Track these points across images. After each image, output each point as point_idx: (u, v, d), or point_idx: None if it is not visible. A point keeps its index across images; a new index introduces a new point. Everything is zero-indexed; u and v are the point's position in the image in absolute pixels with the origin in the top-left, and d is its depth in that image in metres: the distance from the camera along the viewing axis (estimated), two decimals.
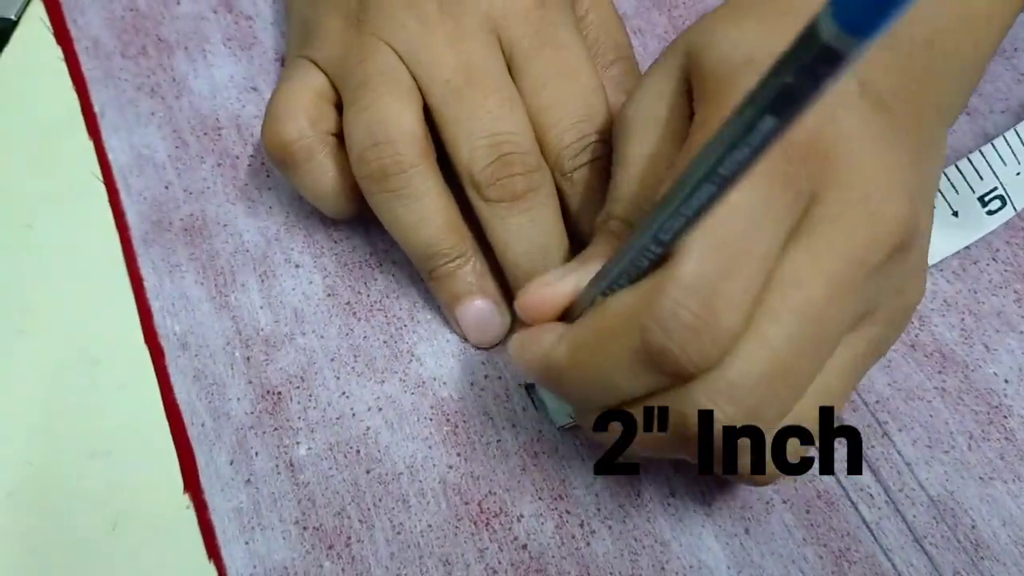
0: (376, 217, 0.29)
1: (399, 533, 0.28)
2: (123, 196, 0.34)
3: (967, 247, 0.32)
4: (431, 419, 0.30)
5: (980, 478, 0.29)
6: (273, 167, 0.33)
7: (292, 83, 0.30)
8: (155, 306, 0.32)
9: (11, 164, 0.34)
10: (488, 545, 0.28)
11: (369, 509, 0.29)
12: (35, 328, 0.31)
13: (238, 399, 0.30)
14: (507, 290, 0.30)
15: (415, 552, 0.28)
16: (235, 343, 0.31)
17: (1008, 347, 0.31)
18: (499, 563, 0.28)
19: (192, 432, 0.30)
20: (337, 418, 0.30)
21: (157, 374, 0.31)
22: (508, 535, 0.28)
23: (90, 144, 0.34)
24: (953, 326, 0.31)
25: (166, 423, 0.30)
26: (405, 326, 0.31)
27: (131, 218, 0.33)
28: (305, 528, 0.28)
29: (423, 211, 0.28)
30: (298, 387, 0.31)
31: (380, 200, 0.29)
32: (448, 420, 0.30)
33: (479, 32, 0.29)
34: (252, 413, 0.30)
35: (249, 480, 0.29)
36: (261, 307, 0.32)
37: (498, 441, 0.30)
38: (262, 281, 0.32)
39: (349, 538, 0.28)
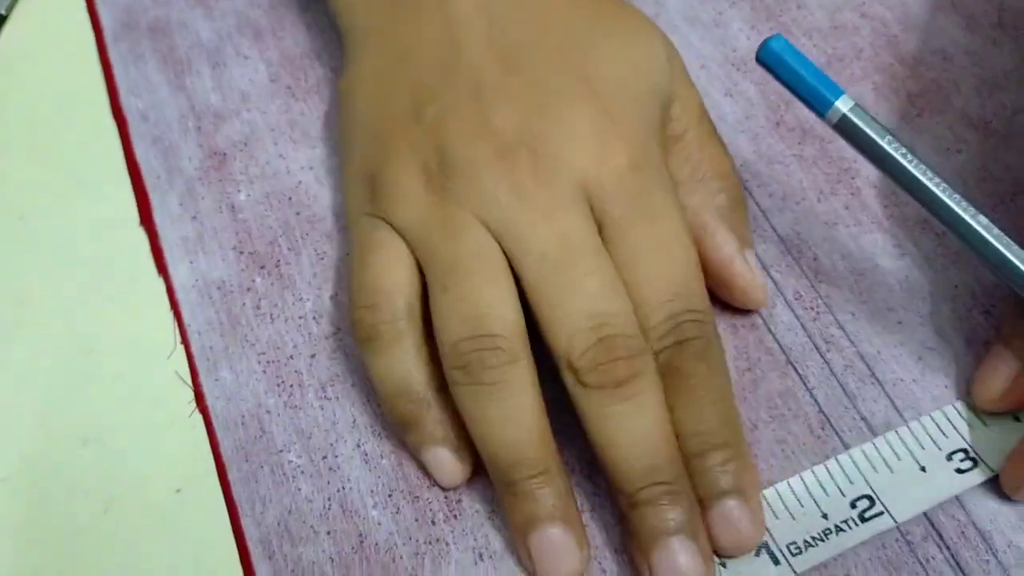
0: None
1: (322, 259, 0.33)
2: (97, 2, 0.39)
3: (834, 48, 0.37)
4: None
5: (825, 223, 0.33)
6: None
7: (384, 254, 0.28)
8: (121, 87, 0.37)
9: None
10: None
11: (297, 241, 0.34)
12: (30, 315, 0.33)
13: (189, 158, 0.35)
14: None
15: (335, 273, 0.33)
16: (188, 116, 0.36)
17: None
18: None
19: (148, 182, 0.35)
20: (273, 174, 0.35)
21: (124, 149, 0.35)
22: None
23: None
24: None
25: (156, 411, 0.31)
26: (336, 106, 0.36)
27: (104, 20, 0.38)
28: (241, 253, 0.33)
29: (516, 409, 0.26)
30: (241, 150, 0.36)
31: (468, 392, 0.26)
32: None
33: (574, 203, 0.27)
34: (200, 168, 0.35)
35: (195, 217, 0.34)
36: (212, 89, 0.37)
37: None
38: (214, 69, 0.37)
39: (279, 261, 0.33)
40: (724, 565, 0.27)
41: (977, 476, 0.28)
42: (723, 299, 0.31)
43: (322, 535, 0.28)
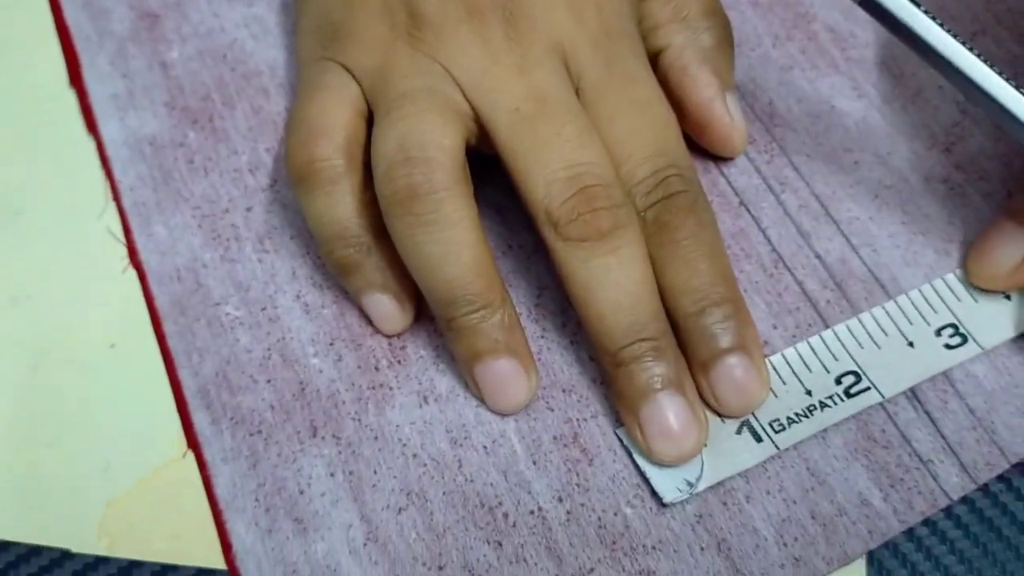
0: None
1: (258, 113, 0.32)
2: None
3: None
4: (293, 33, 0.33)
5: (781, 68, 0.32)
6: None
7: (329, 93, 0.27)
8: None
9: None
10: None
11: (232, 96, 0.32)
12: None
13: (120, 20, 0.34)
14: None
15: (272, 127, 0.32)
16: None
17: None
18: None
19: (78, 44, 0.33)
20: (207, 32, 0.34)
21: (53, 12, 0.34)
22: None
23: None
24: None
25: (89, 269, 0.29)
26: None
27: None
28: (173, 108, 0.32)
29: (450, 243, 0.25)
30: (174, 11, 0.34)
31: (402, 226, 0.25)
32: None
33: (548, 60, 0.26)
34: (132, 29, 0.34)
35: (125, 75, 0.33)
36: None
37: None
38: None
39: (212, 115, 0.32)
40: (705, 444, 0.26)
41: (966, 352, 0.27)
42: (699, 144, 0.30)
43: (262, 384, 0.27)
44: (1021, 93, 0.24)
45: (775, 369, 0.27)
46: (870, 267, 0.28)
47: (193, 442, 0.26)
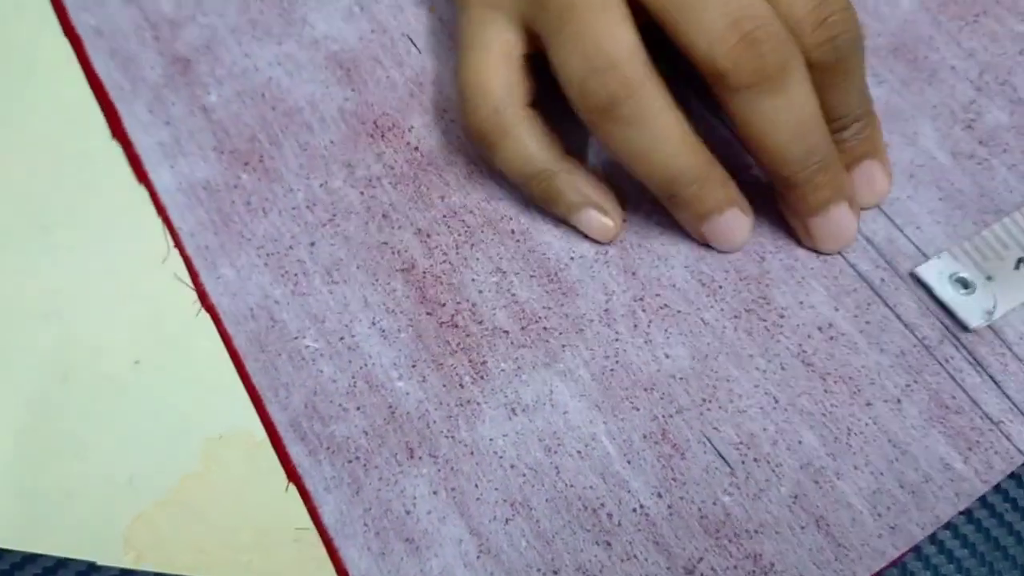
0: None
1: (305, 149, 0.32)
2: None
3: None
4: (326, 67, 0.34)
5: None
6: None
7: (486, 51, 0.29)
8: (69, 6, 0.35)
9: None
10: (384, 150, 0.32)
11: (277, 134, 0.33)
12: (22, 252, 0.31)
13: (151, 67, 0.34)
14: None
15: (321, 161, 0.32)
16: (143, 27, 0.35)
17: None
18: (395, 162, 0.32)
19: (113, 94, 0.34)
20: (242, 72, 0.34)
21: (82, 66, 0.34)
22: (401, 141, 0.32)
23: None
24: None
25: (162, 317, 0.30)
26: (295, 1, 0.35)
27: None
28: (222, 152, 0.32)
29: (658, 133, 0.26)
30: (204, 54, 0.34)
31: (609, 131, 0.26)
32: (341, 66, 0.34)
33: None
34: (164, 75, 0.34)
35: (168, 122, 0.33)
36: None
37: (387, 77, 0.34)
38: None
39: (262, 156, 0.32)
40: (991, 278, 0.29)
41: None
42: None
43: (352, 411, 0.28)
44: None
45: None
46: (916, 244, 0.30)
47: (293, 475, 0.27)
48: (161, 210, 0.31)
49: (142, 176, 0.32)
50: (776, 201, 0.30)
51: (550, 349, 0.28)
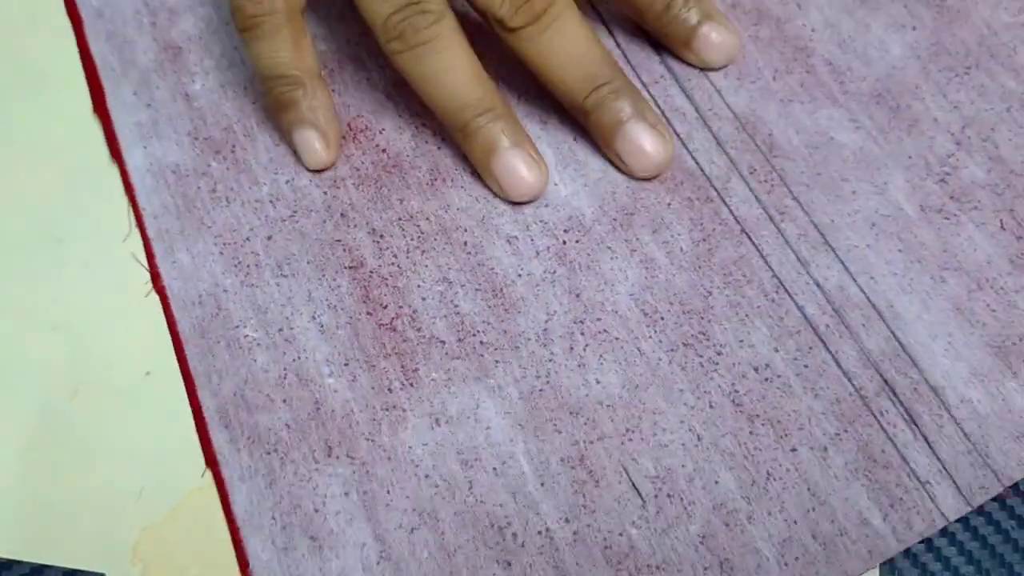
0: None
1: (278, 145, 0.33)
2: None
3: None
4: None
5: (780, 100, 0.33)
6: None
7: None
8: None
9: None
10: (354, 152, 0.33)
11: (253, 127, 0.33)
12: None
13: (144, 52, 0.35)
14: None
15: (291, 158, 0.33)
16: (143, 12, 0.36)
17: (818, 4, 0.35)
18: (362, 163, 0.32)
19: (103, 74, 0.35)
20: (228, 65, 0.35)
21: (79, 45, 0.35)
22: (371, 144, 0.33)
23: None
24: None
25: (116, 294, 0.31)
26: None
27: None
28: (196, 139, 0.33)
29: (452, 59, 0.29)
30: (196, 44, 0.35)
31: (408, 58, 0.29)
32: (325, 66, 0.35)
33: None
34: (155, 61, 0.35)
35: (149, 104, 0.34)
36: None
37: (368, 79, 0.34)
38: None
39: (234, 146, 0.33)
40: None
41: None
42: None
43: (278, 403, 0.28)
44: None
45: None
46: (867, 294, 0.29)
47: (212, 461, 0.27)
48: (129, 189, 0.32)
49: (116, 154, 0.32)
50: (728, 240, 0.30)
51: (483, 363, 0.29)
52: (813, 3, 0.35)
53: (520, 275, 0.30)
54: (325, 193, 0.32)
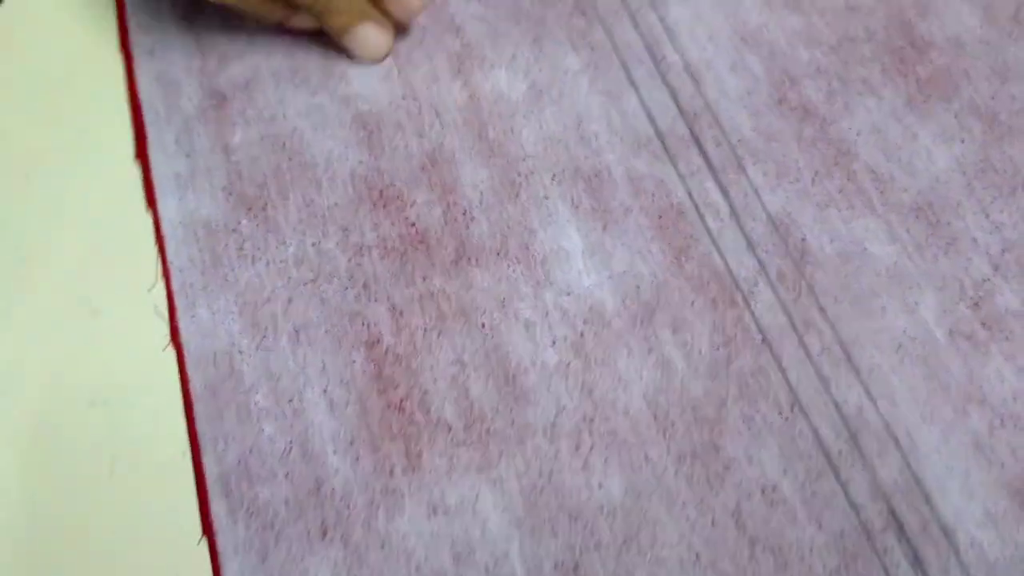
0: None
1: (308, 206, 0.33)
2: None
3: (846, 28, 0.36)
4: (350, 126, 0.35)
5: (817, 204, 0.33)
6: None
7: None
8: (131, 23, 0.37)
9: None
10: (382, 221, 0.33)
11: (287, 186, 0.34)
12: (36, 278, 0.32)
13: (189, 97, 0.36)
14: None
15: (320, 221, 0.33)
16: (194, 55, 0.36)
17: (867, 107, 0.35)
18: (389, 234, 0.33)
19: (147, 117, 0.35)
20: (271, 117, 0.35)
21: (128, 83, 0.36)
22: (401, 215, 0.33)
23: None
24: (821, 88, 0.35)
25: (166, 372, 0.31)
26: (340, 56, 0.36)
27: None
28: (230, 194, 0.33)
29: None
30: (242, 91, 0.36)
31: None
32: (365, 127, 0.35)
33: None
34: (199, 108, 0.35)
35: (189, 155, 0.34)
36: (220, 29, 0.37)
37: (405, 146, 0.34)
38: (223, 16, 0.37)
39: (266, 204, 0.33)
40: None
41: None
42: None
43: (280, 477, 0.28)
44: None
45: None
46: (886, 420, 0.29)
47: (209, 530, 0.27)
48: (160, 239, 0.32)
49: (151, 203, 0.33)
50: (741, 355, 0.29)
51: (487, 454, 0.28)
52: (862, 104, 0.34)
53: (534, 363, 0.30)
54: (349, 260, 0.32)
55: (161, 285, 0.32)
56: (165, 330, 0.31)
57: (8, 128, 0.35)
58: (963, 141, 0.34)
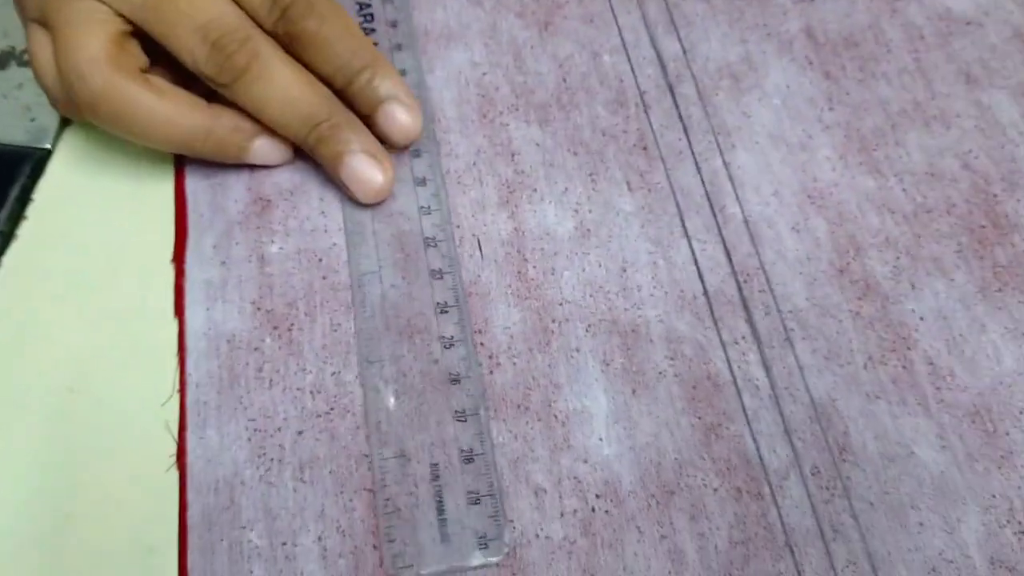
0: None
1: (335, 331, 0.33)
2: None
3: (925, 197, 0.34)
4: (389, 245, 0.34)
5: (867, 394, 0.31)
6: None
7: (88, 27, 0.31)
8: None
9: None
10: (405, 354, 0.32)
11: (316, 308, 0.33)
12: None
13: (235, 200, 0.35)
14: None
15: (343, 348, 0.32)
16: None
17: (934, 289, 0.32)
18: (410, 369, 0.32)
19: (191, 218, 0.35)
20: (311, 230, 0.35)
21: (176, 180, 0.36)
22: (425, 349, 0.32)
23: None
24: (887, 262, 0.33)
25: (166, 494, 0.30)
26: None
27: None
28: (259, 309, 0.33)
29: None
30: (287, 199, 0.35)
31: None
32: (403, 249, 0.34)
33: None
34: (243, 212, 0.35)
35: (224, 262, 0.34)
36: None
37: (416, 268, 0.33)
38: None
39: (292, 325, 0.33)
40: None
41: None
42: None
43: None
44: None
45: None
46: None
47: None
48: (182, 350, 0.32)
49: (179, 311, 0.33)
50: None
51: None
52: (930, 286, 0.32)
53: (538, 536, 0.28)
54: (366, 395, 0.31)
55: (176, 399, 0.31)
56: (172, 449, 0.30)
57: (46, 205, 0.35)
58: None
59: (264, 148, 0.34)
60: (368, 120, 0.33)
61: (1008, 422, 0.30)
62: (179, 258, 0.34)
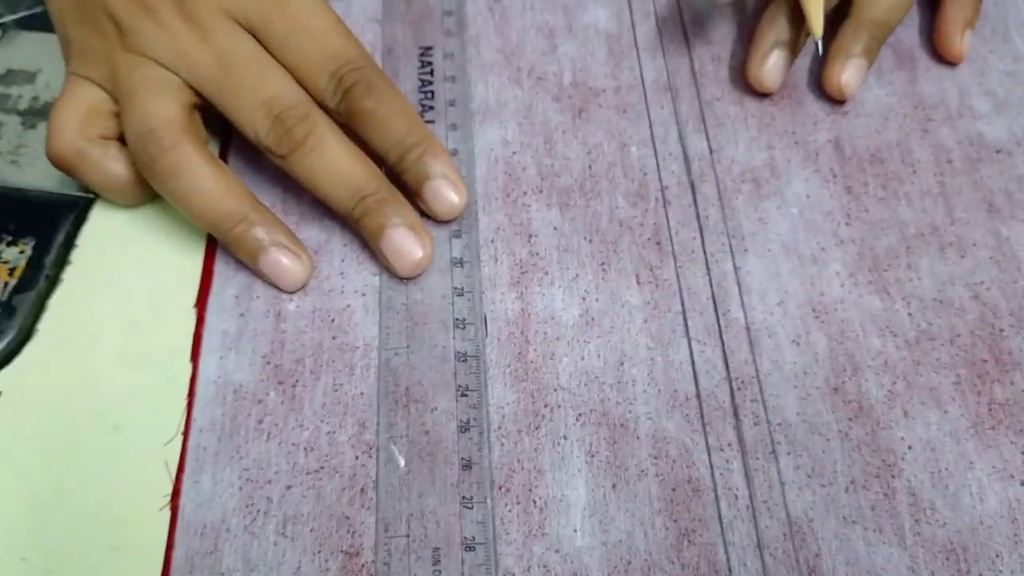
0: None
1: (336, 391, 0.34)
2: None
3: (930, 324, 0.34)
4: (398, 312, 0.35)
5: (844, 518, 0.31)
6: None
7: (64, 99, 0.35)
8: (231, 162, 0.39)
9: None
10: (399, 421, 0.33)
11: (322, 366, 0.34)
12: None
13: None
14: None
15: (342, 409, 0.34)
16: (276, 207, 0.38)
17: (927, 419, 0.33)
18: (402, 435, 0.33)
19: (217, 267, 0.37)
20: (328, 291, 0.36)
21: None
22: (418, 420, 0.33)
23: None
24: (883, 386, 0.33)
25: (156, 533, 0.31)
26: None
27: None
28: (268, 363, 0.34)
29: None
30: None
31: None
32: (410, 318, 0.35)
33: (219, 24, 0.34)
34: None
35: (243, 315, 0.36)
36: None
37: (443, 347, 0.35)
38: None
39: (296, 381, 0.34)
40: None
41: None
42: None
43: None
44: None
45: None
46: None
47: None
48: (191, 395, 0.33)
49: (195, 356, 0.34)
50: None
51: None
52: (922, 416, 0.32)
53: None
54: (356, 459, 0.32)
55: (179, 441, 0.33)
56: (168, 488, 0.32)
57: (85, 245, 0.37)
58: (1023, 484, 0.31)
59: (281, 259, 0.35)
60: (416, 195, 0.35)
61: (983, 564, 0.30)
62: (201, 305, 0.36)
